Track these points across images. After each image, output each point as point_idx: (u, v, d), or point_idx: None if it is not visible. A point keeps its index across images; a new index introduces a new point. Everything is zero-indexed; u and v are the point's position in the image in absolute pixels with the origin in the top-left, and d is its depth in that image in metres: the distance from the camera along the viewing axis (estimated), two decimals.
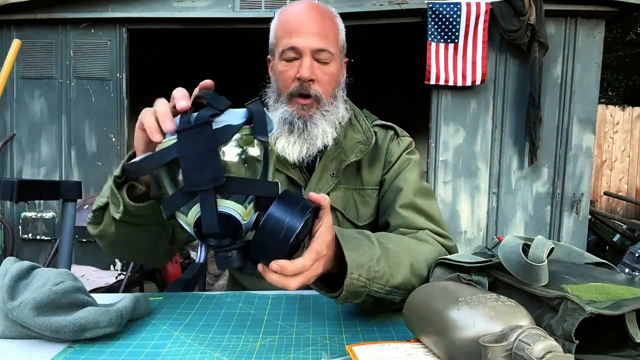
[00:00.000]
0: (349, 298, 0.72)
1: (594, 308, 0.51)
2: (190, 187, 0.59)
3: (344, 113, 1.06)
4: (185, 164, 0.59)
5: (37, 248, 3.65)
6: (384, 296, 0.75)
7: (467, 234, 3.64)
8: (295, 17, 1.00)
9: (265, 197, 0.62)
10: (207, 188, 0.58)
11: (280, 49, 1.00)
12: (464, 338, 0.51)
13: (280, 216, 0.60)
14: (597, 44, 3.48)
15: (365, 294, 0.72)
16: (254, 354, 0.64)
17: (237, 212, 0.60)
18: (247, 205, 0.62)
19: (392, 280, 0.75)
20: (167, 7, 3.53)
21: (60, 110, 3.68)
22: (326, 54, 0.99)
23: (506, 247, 0.65)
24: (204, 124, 0.60)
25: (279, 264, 0.60)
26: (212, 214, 0.58)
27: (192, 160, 0.59)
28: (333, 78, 1.03)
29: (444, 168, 3.62)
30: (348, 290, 0.70)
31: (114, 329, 0.68)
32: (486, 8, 3.30)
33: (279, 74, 1.02)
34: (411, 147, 1.12)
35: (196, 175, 0.58)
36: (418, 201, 1.01)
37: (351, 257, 0.70)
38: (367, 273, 0.71)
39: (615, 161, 6.83)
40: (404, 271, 0.77)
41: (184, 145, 0.59)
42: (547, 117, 3.49)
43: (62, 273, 0.74)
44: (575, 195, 3.54)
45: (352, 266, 0.69)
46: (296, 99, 1.00)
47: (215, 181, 0.58)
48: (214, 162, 0.59)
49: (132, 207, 0.76)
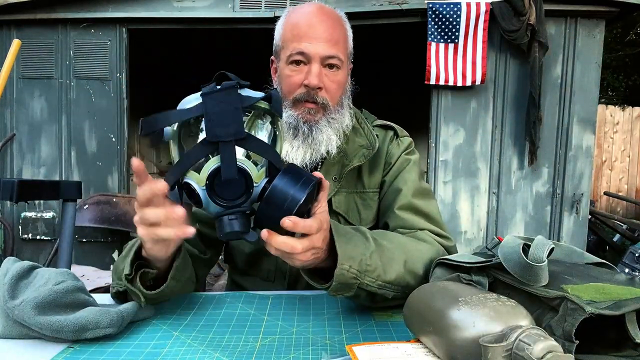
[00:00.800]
0: (340, 289, 0.73)
1: (594, 308, 0.51)
2: (213, 138, 0.61)
3: (349, 121, 1.03)
4: (209, 119, 0.62)
5: (37, 248, 3.64)
6: (376, 290, 0.76)
7: (467, 234, 3.64)
8: (306, 21, 0.97)
9: (275, 166, 0.66)
10: (229, 140, 0.62)
11: (288, 52, 0.97)
12: (464, 338, 0.52)
13: (285, 187, 0.63)
14: (597, 44, 3.48)
15: (356, 286, 0.74)
16: (254, 354, 0.64)
17: (251, 171, 0.64)
18: (260, 169, 0.66)
19: (385, 275, 0.76)
20: (167, 7, 3.53)
21: (60, 110, 3.67)
22: (335, 60, 0.97)
23: (506, 247, 0.65)
24: (232, 87, 0.63)
25: (291, 219, 0.63)
26: (232, 161, 0.62)
27: (217, 115, 0.62)
28: (341, 86, 1.00)
29: (444, 168, 3.62)
30: (339, 280, 0.71)
31: (114, 329, 0.68)
32: (486, 8, 3.30)
33: (284, 77, 0.99)
34: (410, 148, 1.11)
35: (220, 129, 0.62)
36: (417, 202, 1.01)
37: (343, 248, 0.72)
38: (359, 266, 0.73)
39: (615, 161, 6.83)
40: (397, 268, 0.78)
41: (209, 104, 0.62)
42: (547, 117, 3.49)
43: (63, 273, 0.74)
44: (575, 195, 3.54)
45: (343, 257, 0.71)
46: (303, 103, 0.97)
47: (237, 134, 0.62)
48: (237, 119, 0.62)
49: (153, 295, 0.75)
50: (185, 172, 0.64)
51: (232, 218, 0.64)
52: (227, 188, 0.63)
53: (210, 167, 0.62)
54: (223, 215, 0.64)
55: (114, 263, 0.85)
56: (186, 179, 0.64)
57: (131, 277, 0.74)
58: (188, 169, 0.64)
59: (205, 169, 0.63)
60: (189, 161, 0.64)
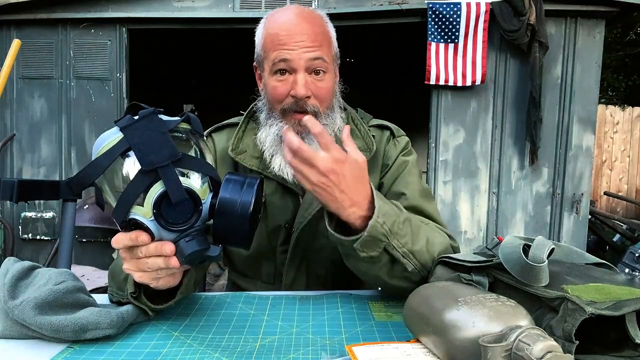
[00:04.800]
0: (367, 244, 0.74)
1: (594, 309, 0.51)
2: (149, 166, 0.60)
3: (341, 123, 1.01)
4: (139, 149, 0.61)
5: (37, 248, 3.64)
6: (399, 257, 0.77)
7: (467, 234, 3.64)
8: (284, 27, 0.93)
9: (215, 180, 0.66)
10: (167, 163, 0.61)
11: (270, 62, 0.94)
12: (464, 338, 0.51)
13: (232, 195, 0.64)
14: (597, 44, 3.48)
15: (383, 246, 0.75)
16: (254, 355, 0.64)
17: (196, 189, 0.63)
18: (202, 185, 0.65)
19: (412, 244, 0.78)
20: (167, 7, 3.53)
21: (60, 110, 3.67)
22: (320, 62, 0.93)
23: (506, 247, 0.65)
24: (151, 113, 0.64)
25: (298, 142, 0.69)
26: (176, 183, 0.61)
27: (145, 144, 0.61)
28: (329, 90, 0.97)
29: (444, 168, 3.62)
30: (370, 233, 0.72)
31: (114, 330, 0.68)
32: (486, 8, 3.30)
33: (270, 89, 0.96)
34: (408, 148, 1.09)
35: (154, 155, 0.61)
36: (422, 204, 1.00)
37: (380, 205, 0.74)
38: (392, 225, 0.75)
39: (615, 161, 6.83)
40: (422, 243, 0.80)
41: (133, 135, 0.62)
42: (547, 117, 3.49)
43: (63, 273, 0.74)
44: (575, 195, 3.54)
45: (380, 212, 0.73)
46: (292, 114, 0.95)
47: (172, 156, 0.61)
48: (168, 142, 0.62)
49: (159, 308, 0.75)
50: (129, 209, 0.62)
51: (189, 240, 0.63)
52: (175, 212, 0.62)
53: (153, 195, 0.60)
54: (179, 240, 0.63)
55: (111, 266, 0.84)
56: (132, 215, 0.62)
57: (136, 295, 0.73)
58: (131, 206, 0.62)
59: (148, 199, 0.61)
60: (131, 197, 0.61)
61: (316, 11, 1.00)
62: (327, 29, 0.98)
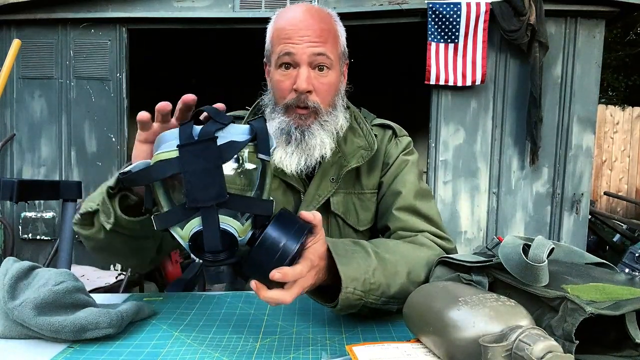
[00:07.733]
0: (344, 309, 0.73)
1: (594, 308, 0.51)
2: (193, 204, 0.58)
3: (343, 122, 1.02)
4: (188, 180, 0.58)
5: (37, 248, 3.64)
6: (380, 307, 0.76)
7: (467, 234, 3.64)
8: (290, 22, 0.95)
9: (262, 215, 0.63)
10: (211, 205, 0.58)
11: (276, 56, 0.96)
12: (464, 338, 0.51)
13: (278, 237, 0.61)
14: (597, 44, 3.48)
15: (361, 305, 0.74)
16: (254, 354, 0.65)
17: (235, 229, 0.61)
18: (244, 222, 0.63)
19: (389, 290, 0.76)
20: (167, 7, 3.53)
21: (60, 110, 3.67)
22: (324, 58, 0.94)
23: (506, 247, 0.65)
24: (210, 139, 0.58)
25: (281, 271, 0.61)
26: (214, 231, 0.59)
27: (196, 176, 0.58)
28: (332, 87, 0.98)
29: (444, 168, 3.61)
30: (343, 304, 0.71)
31: (114, 330, 0.68)
32: (486, 8, 3.30)
33: (275, 83, 0.98)
34: (409, 147, 1.10)
35: (200, 192, 0.58)
36: (417, 204, 1.00)
37: (345, 271, 0.71)
38: (363, 286, 0.72)
39: (615, 161, 6.82)
40: (401, 281, 0.78)
41: (187, 161, 0.58)
42: (547, 117, 3.49)
43: (63, 273, 0.74)
44: (575, 195, 3.54)
45: (347, 280, 0.70)
46: (294, 109, 0.96)
47: (218, 198, 0.58)
48: (218, 179, 0.58)
49: (124, 220, 0.74)
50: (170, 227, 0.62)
51: (219, 271, 0.62)
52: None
53: (192, 229, 0.60)
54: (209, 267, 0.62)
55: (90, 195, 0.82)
56: (171, 230, 0.63)
57: (113, 193, 0.73)
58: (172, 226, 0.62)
59: (187, 229, 0.60)
60: (171, 222, 0.61)
61: (326, 9, 1.01)
62: (334, 27, 0.99)
